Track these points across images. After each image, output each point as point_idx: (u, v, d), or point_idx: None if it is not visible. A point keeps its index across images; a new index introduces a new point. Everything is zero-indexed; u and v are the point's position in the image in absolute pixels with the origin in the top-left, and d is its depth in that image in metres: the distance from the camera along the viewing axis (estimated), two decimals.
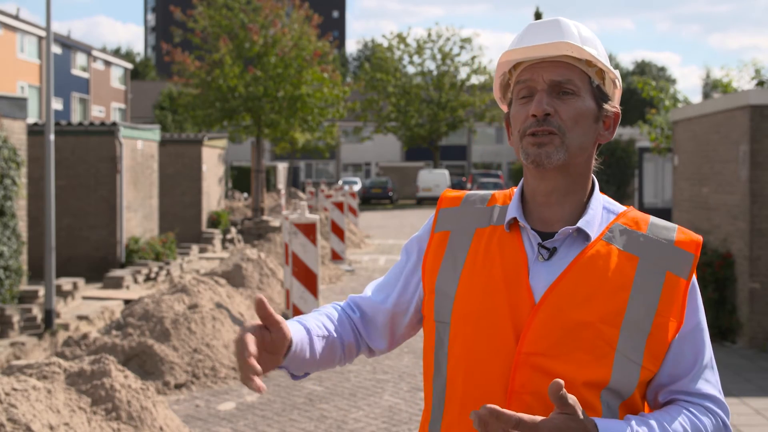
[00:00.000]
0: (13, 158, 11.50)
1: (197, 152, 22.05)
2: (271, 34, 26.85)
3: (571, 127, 1.75)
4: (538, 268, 1.75)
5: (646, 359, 1.71)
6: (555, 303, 1.70)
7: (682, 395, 1.76)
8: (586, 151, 1.80)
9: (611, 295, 1.71)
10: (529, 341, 1.70)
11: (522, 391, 1.69)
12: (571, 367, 1.68)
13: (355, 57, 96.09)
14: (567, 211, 1.80)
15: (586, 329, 1.69)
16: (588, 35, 1.82)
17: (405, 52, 51.62)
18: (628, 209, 1.85)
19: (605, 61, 1.81)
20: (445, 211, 1.93)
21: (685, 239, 1.78)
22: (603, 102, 1.81)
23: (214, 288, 9.93)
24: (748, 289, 10.03)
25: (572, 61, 1.77)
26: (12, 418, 4.82)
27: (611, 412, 1.71)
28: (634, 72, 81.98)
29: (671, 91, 16.03)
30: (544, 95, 1.76)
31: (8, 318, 10.60)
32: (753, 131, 9.93)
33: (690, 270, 1.76)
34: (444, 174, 47.09)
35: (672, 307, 1.73)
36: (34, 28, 37.21)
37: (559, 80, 1.76)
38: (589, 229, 1.76)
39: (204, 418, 6.98)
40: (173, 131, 47.39)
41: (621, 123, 56.10)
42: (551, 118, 1.75)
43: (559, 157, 1.74)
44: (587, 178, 1.83)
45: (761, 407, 7.63)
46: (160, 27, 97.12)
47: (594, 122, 1.79)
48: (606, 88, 1.82)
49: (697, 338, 1.77)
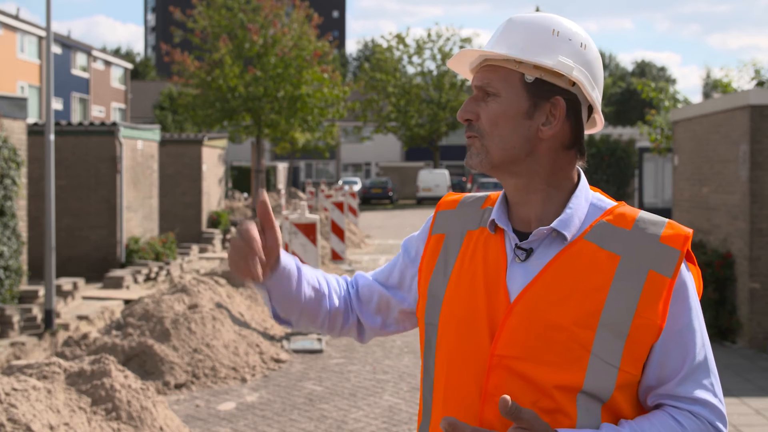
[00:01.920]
0: (13, 158, 11.50)
1: (197, 152, 22.05)
2: (270, 34, 26.85)
3: (489, 129, 1.76)
4: (515, 270, 1.74)
5: (624, 362, 1.65)
6: (528, 305, 1.68)
7: (669, 399, 1.69)
8: (517, 150, 1.75)
9: (587, 296, 1.66)
10: (502, 344, 1.68)
11: (495, 393, 1.67)
12: (544, 370, 1.65)
13: (355, 57, 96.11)
14: (543, 210, 1.77)
15: (559, 331, 1.65)
16: (549, 29, 1.76)
17: (405, 52, 51.63)
18: (619, 205, 1.79)
19: (570, 54, 1.74)
20: (443, 214, 1.93)
21: (672, 234, 1.70)
22: (542, 97, 1.74)
23: (214, 288, 9.93)
24: (748, 289, 10.03)
25: (499, 63, 1.77)
26: (12, 418, 4.82)
27: (591, 416, 1.66)
28: (634, 72, 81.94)
29: (671, 92, 16.04)
30: (471, 101, 1.80)
31: (8, 318, 10.60)
32: (753, 131, 9.93)
33: (675, 267, 1.67)
34: (444, 174, 47.07)
35: (655, 308, 1.65)
36: (34, 28, 37.21)
37: (478, 84, 1.79)
38: (565, 229, 1.72)
39: (204, 418, 6.98)
40: (173, 131, 47.39)
41: (621, 123, 56.11)
42: (473, 123, 1.79)
43: (479, 160, 1.77)
44: (554, 175, 1.77)
45: (761, 407, 7.63)
46: (160, 27, 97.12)
47: (524, 119, 1.74)
48: (558, 80, 1.74)
49: (686, 340, 1.68)
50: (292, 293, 1.89)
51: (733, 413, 7.41)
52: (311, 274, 1.95)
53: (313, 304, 1.94)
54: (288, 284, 1.87)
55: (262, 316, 10.38)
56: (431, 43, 51.89)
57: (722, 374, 8.80)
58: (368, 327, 2.02)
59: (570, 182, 1.79)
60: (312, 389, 7.83)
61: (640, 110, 49.05)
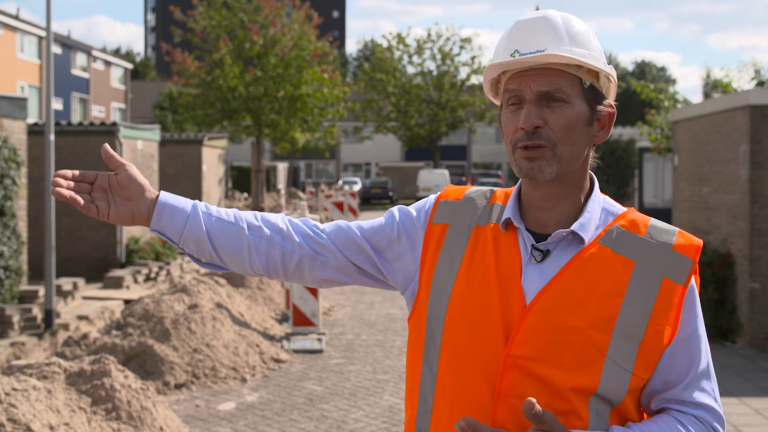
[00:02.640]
0: (13, 158, 11.50)
1: (197, 152, 22.05)
2: (271, 34, 26.85)
3: (562, 137, 1.71)
4: (531, 270, 1.73)
5: (637, 367, 1.67)
6: (545, 306, 1.68)
7: (674, 404, 1.73)
8: (581, 157, 1.76)
9: (604, 300, 1.67)
10: (517, 344, 1.68)
11: (509, 393, 1.67)
12: (559, 372, 1.65)
13: (355, 57, 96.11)
14: (563, 213, 1.76)
15: (576, 334, 1.66)
16: (578, 29, 1.75)
17: (405, 52, 51.60)
18: (629, 210, 1.80)
19: (598, 56, 1.76)
20: (446, 204, 1.89)
21: (685, 243, 1.73)
22: (596, 102, 1.76)
23: (214, 288, 9.93)
24: (748, 289, 10.04)
25: (561, 67, 1.72)
26: (12, 418, 4.82)
27: (600, 419, 1.68)
28: (634, 72, 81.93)
29: (671, 92, 16.04)
30: (533, 107, 1.71)
31: (8, 318, 10.60)
32: (753, 131, 9.94)
33: (687, 276, 1.71)
34: (444, 174, 47.06)
35: (667, 314, 1.68)
36: (34, 28, 37.20)
37: (546, 90, 1.71)
38: (584, 232, 1.72)
39: (204, 418, 6.98)
40: (173, 131, 47.38)
41: (621, 123, 56.12)
42: (541, 131, 1.71)
43: (551, 170, 1.71)
44: (584, 180, 1.79)
45: (761, 407, 7.63)
46: (160, 27, 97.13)
47: (587, 126, 1.75)
48: (601, 86, 1.77)
49: (693, 346, 1.72)
50: (193, 230, 1.84)
51: (733, 413, 7.41)
52: (226, 211, 1.90)
53: (228, 239, 1.86)
54: (178, 221, 1.84)
55: (262, 316, 10.39)
56: (431, 43, 51.87)
57: (722, 374, 8.81)
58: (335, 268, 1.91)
59: (590, 184, 1.81)
60: (312, 389, 7.83)
61: (640, 110, 49.05)
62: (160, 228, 1.84)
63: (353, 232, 1.91)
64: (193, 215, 1.85)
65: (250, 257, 1.88)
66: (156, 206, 1.83)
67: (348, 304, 12.68)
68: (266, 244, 1.89)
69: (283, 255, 1.89)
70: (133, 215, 1.82)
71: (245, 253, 1.88)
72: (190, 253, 1.89)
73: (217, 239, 1.87)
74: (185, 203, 1.86)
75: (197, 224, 1.85)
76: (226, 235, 1.87)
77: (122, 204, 1.82)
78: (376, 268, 1.90)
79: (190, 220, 1.85)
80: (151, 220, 1.83)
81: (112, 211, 1.81)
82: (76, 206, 1.77)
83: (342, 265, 1.91)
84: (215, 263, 1.91)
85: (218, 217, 1.88)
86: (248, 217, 1.90)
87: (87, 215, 2.43)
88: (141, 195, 1.82)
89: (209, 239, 1.86)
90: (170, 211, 1.84)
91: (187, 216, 1.85)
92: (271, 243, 1.89)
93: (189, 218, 1.85)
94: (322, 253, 1.90)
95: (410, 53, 51.79)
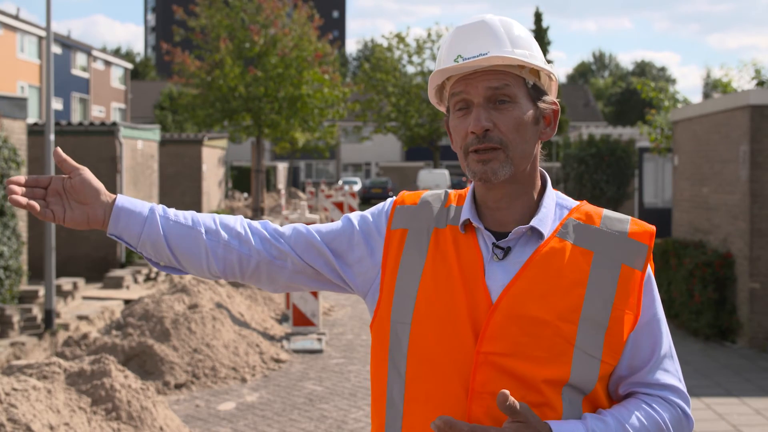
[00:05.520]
0: (13, 158, 11.51)
1: (197, 152, 22.06)
2: (271, 34, 26.85)
3: (512, 138, 1.75)
4: (493, 268, 1.76)
5: (605, 353, 1.71)
6: (511, 302, 1.71)
7: (641, 387, 1.78)
8: (531, 156, 1.80)
9: (568, 291, 1.71)
10: (487, 341, 1.70)
11: (482, 390, 1.69)
12: (530, 366, 1.68)
13: (355, 57, 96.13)
14: (519, 211, 1.81)
15: (544, 327, 1.69)
16: (518, 33, 1.79)
17: (404, 52, 51.62)
18: (581, 204, 1.85)
19: (538, 56, 1.79)
20: (403, 209, 1.90)
21: (639, 230, 1.79)
22: (540, 101, 1.80)
23: (214, 288, 9.94)
24: (748, 289, 10.04)
25: (504, 68, 1.75)
26: (12, 418, 4.82)
27: (573, 408, 1.71)
28: (634, 72, 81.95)
29: (671, 92, 16.05)
30: (481, 110, 1.74)
31: (8, 318, 10.60)
32: (753, 131, 9.94)
33: (644, 261, 1.76)
34: (444, 174, 47.08)
35: (628, 300, 1.73)
36: (34, 28, 37.20)
37: (495, 86, 1.74)
38: (543, 227, 1.77)
39: (204, 418, 6.98)
40: (173, 131, 47.39)
41: (621, 123, 56.05)
42: (491, 134, 1.74)
43: (505, 172, 1.75)
44: (535, 177, 1.83)
45: (761, 407, 7.63)
46: (160, 27, 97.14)
47: (534, 125, 1.79)
48: (542, 84, 1.81)
49: (654, 329, 1.78)
50: (150, 235, 1.84)
51: (733, 413, 7.42)
52: (184, 214, 1.90)
53: (185, 244, 1.86)
54: (135, 225, 1.83)
55: (262, 316, 10.39)
56: (431, 42, 51.88)
57: (722, 374, 8.81)
58: (293, 272, 1.90)
59: (539, 182, 1.85)
60: (312, 389, 7.83)
61: (640, 110, 49.05)
62: (118, 232, 1.84)
63: (313, 236, 1.91)
64: (150, 219, 1.85)
65: (207, 261, 1.89)
66: (113, 211, 1.83)
67: (348, 304, 12.69)
68: (223, 249, 1.88)
69: (240, 259, 1.89)
70: (89, 219, 1.82)
71: (203, 258, 1.88)
72: (148, 256, 1.89)
73: (175, 243, 1.87)
74: (142, 207, 1.86)
75: (155, 228, 1.85)
76: (184, 239, 1.87)
77: (77, 208, 1.82)
78: (335, 272, 1.91)
79: (148, 225, 1.85)
80: (107, 225, 1.83)
81: (67, 215, 1.81)
82: (33, 212, 1.77)
83: (300, 269, 1.91)
84: (173, 266, 1.91)
85: (176, 221, 1.88)
86: (206, 221, 1.90)
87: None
88: (96, 198, 1.82)
89: (167, 243, 1.86)
90: (127, 216, 1.84)
91: (144, 220, 1.85)
92: (228, 248, 1.88)
93: (146, 222, 1.85)
94: (279, 257, 1.90)
95: (410, 53, 51.80)
